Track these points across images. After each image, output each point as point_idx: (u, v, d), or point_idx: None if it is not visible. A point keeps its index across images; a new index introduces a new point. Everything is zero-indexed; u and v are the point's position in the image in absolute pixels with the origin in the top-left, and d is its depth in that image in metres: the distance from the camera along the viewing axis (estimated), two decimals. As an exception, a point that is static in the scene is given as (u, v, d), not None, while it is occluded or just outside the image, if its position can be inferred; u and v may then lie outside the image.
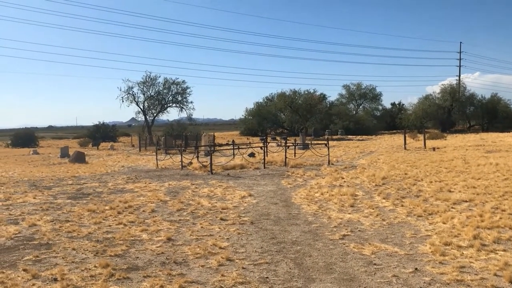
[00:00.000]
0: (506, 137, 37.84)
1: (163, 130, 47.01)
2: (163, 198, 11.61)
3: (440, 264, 5.85)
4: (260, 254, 6.54)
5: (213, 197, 11.74)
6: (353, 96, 73.57)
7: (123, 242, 7.32)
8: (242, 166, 18.76)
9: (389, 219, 8.62)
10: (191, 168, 18.71)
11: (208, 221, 8.84)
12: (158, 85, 48.97)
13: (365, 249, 6.64)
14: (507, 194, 10.79)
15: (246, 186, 13.63)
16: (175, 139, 36.22)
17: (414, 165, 17.96)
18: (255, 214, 9.42)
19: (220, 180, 15.07)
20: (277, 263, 6.10)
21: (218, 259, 6.24)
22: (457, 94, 61.52)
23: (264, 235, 7.63)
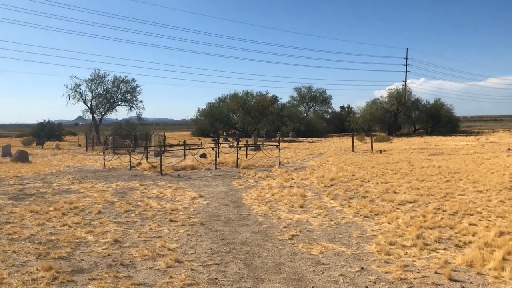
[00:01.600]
0: (448, 141, 39.61)
1: (111, 130, 45.90)
2: (110, 199, 11.32)
3: (385, 263, 6.03)
4: (209, 255, 6.50)
5: (162, 198, 11.57)
6: (304, 99, 74.70)
7: (68, 244, 7.07)
8: (193, 167, 18.60)
9: (337, 219, 8.81)
10: (140, 169, 18.36)
11: (157, 222, 8.70)
12: (107, 83, 47.64)
13: (313, 249, 6.75)
14: (448, 195, 11.29)
15: (196, 187, 13.53)
16: (124, 138, 35.38)
17: (362, 167, 18.45)
18: (205, 215, 9.36)
19: (170, 181, 14.87)
20: (226, 264, 6.09)
21: (166, 261, 6.15)
22: (403, 99, 63.74)
23: (214, 236, 7.60)
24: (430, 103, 64.92)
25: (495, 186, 12.65)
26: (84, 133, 41.66)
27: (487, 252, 6.35)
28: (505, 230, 7.63)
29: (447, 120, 61.84)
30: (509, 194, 11.40)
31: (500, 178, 14.26)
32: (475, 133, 57.40)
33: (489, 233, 7.39)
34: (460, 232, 7.62)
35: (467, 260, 5.95)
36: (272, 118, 56.32)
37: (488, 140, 39.24)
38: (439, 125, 61.09)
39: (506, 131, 63.07)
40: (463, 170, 16.51)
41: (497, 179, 13.89)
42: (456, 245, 6.88)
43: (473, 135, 53.17)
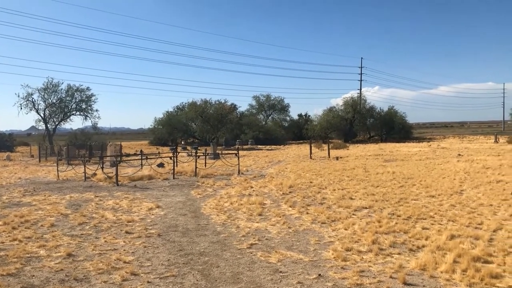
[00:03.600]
0: (402, 147, 40.78)
1: (65, 140, 44.55)
2: (63, 212, 10.95)
3: (342, 269, 6.11)
4: (166, 267, 6.39)
5: (118, 209, 11.30)
6: (263, 107, 75.38)
7: (18, 260, 6.78)
8: (150, 177, 18.30)
9: (295, 227, 8.86)
10: (95, 180, 17.89)
11: (113, 234, 8.48)
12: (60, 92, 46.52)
13: (271, 257, 6.76)
14: (402, 201, 11.60)
15: (154, 197, 13.31)
16: (79, 149, 34.46)
17: (319, 173, 18.69)
18: (162, 226, 9.21)
19: (127, 191, 14.56)
20: (184, 275, 6.00)
21: (122, 274, 6.00)
22: (358, 107, 65.28)
23: (171, 248, 7.48)
24: (384, 111, 66.98)
25: (446, 190, 13.10)
26: (37, 144, 40.21)
27: (439, 255, 6.55)
28: (456, 234, 7.90)
29: (400, 127, 63.81)
30: (459, 198, 11.83)
31: (451, 182, 14.79)
32: (427, 140, 59.44)
33: (441, 237, 7.63)
34: (414, 236, 7.83)
35: (420, 264, 6.11)
36: (231, 126, 56.32)
37: (440, 146, 40.68)
38: (393, 132, 62.90)
39: (456, 137, 65.66)
40: (416, 176, 17.02)
41: (448, 184, 14.40)
42: (410, 249, 7.06)
43: (425, 141, 55.02)
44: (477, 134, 76.94)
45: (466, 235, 7.81)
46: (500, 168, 18.83)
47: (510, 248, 6.96)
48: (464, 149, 35.36)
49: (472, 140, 54.66)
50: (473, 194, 12.41)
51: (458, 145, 42.80)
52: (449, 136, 69.04)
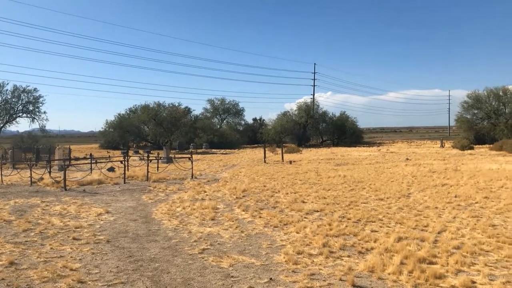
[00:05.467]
0: (353, 151, 41.76)
1: (11, 142, 42.67)
2: (7, 218, 10.46)
3: (293, 273, 6.15)
4: (115, 274, 6.22)
5: (65, 215, 10.92)
6: (218, 111, 75.15)
7: (-46, 271, 6.40)
8: (100, 182, 17.81)
9: (247, 231, 8.86)
10: (42, 184, 17.23)
11: (59, 241, 8.18)
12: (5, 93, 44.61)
13: (223, 262, 6.72)
14: (353, 204, 11.85)
15: (103, 202, 12.95)
16: (25, 152, 33.10)
17: (273, 177, 18.82)
18: (112, 232, 8.97)
19: (75, 196, 14.10)
20: (133, 282, 5.86)
21: (68, 282, 5.78)
22: (312, 112, 66.39)
23: (120, 254, 7.29)
24: (336, 116, 68.62)
25: (395, 194, 13.51)
26: (-21, 147, 38.29)
27: (387, 257, 6.72)
28: (403, 236, 8.14)
29: (351, 131, 65.48)
30: (406, 201, 12.22)
31: (399, 186, 15.26)
32: (377, 144, 61.22)
33: (389, 239, 7.85)
34: (363, 239, 8.01)
35: (369, 266, 6.25)
36: (185, 130, 55.82)
37: (389, 151, 41.95)
38: (344, 137, 64.41)
39: (405, 142, 67.92)
40: (366, 179, 17.46)
41: (396, 187, 14.85)
42: (359, 251, 7.21)
43: (375, 146, 56.65)
44: (424, 139, 79.91)
45: (413, 237, 8.07)
46: (445, 172, 19.63)
47: (453, 249, 7.25)
48: (412, 153, 36.63)
49: (420, 145, 56.73)
50: (420, 197, 12.85)
51: (406, 149, 44.29)
52: (398, 141, 71.32)
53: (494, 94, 52.27)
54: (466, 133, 52.85)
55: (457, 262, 6.45)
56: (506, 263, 6.52)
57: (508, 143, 35.47)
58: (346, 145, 58.84)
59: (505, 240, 7.74)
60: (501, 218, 9.84)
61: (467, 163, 24.45)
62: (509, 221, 9.41)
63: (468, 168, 21.30)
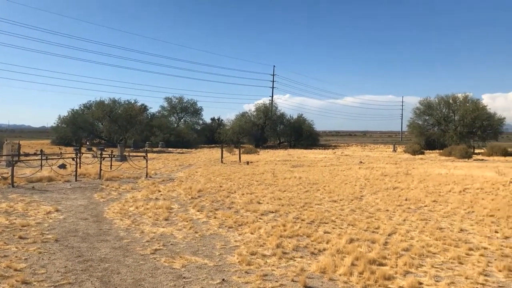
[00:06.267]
0: (309, 154, 42.32)
1: (-45, 136, 40.62)
2: None
3: (246, 274, 6.15)
4: (63, 274, 6.01)
5: (12, 213, 10.47)
6: (175, 109, 74.24)
7: None
8: (50, 179, 17.21)
9: (201, 231, 8.79)
10: (-12, 180, 16.45)
11: (4, 240, 7.83)
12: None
13: (176, 262, 6.63)
14: (307, 205, 11.99)
15: (53, 200, 12.52)
16: (-30, 146, 31.51)
17: (229, 178, 18.79)
18: (61, 231, 8.67)
19: (23, 194, 13.55)
20: (81, 283, 5.68)
21: (11, 283, 5.54)
22: (270, 113, 66.79)
23: (69, 254, 7.06)
24: (293, 118, 69.23)
25: (348, 196, 13.77)
26: None
27: (339, 258, 6.83)
28: (354, 237, 8.31)
29: (308, 134, 66.37)
30: (359, 203, 12.48)
31: (352, 188, 15.58)
32: (333, 147, 62.37)
33: (341, 240, 7.99)
34: (316, 240, 8.11)
35: (321, 267, 6.34)
36: (140, 127, 54.80)
37: (343, 154, 42.78)
38: (301, 139, 65.19)
39: (359, 145, 69.49)
40: (320, 181, 17.71)
41: (349, 190, 15.14)
42: (312, 252, 7.30)
43: (331, 148, 57.69)
44: (377, 143, 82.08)
45: (364, 238, 8.24)
46: (397, 176, 20.20)
47: (402, 251, 7.45)
48: (366, 157, 37.51)
49: (373, 148, 58.20)
50: (372, 200, 13.16)
51: (360, 153, 45.32)
52: (352, 144, 72.90)
53: (445, 102, 54.26)
54: (418, 139, 54.54)
55: (405, 263, 6.64)
56: (451, 264, 6.76)
57: (457, 149, 36.91)
58: (302, 147, 59.59)
59: (451, 243, 8.04)
60: (448, 221, 10.21)
61: (418, 168, 25.26)
62: (455, 224, 9.77)
63: (419, 173, 22.01)
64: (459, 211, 11.38)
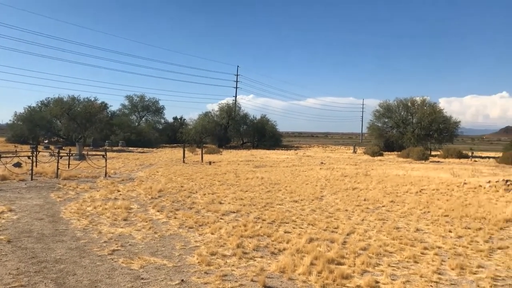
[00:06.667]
0: (272, 154, 42.54)
1: None
2: None
3: (205, 274, 6.11)
4: (14, 276, 5.80)
5: (-39, 213, 10.03)
6: (136, 108, 73.05)
7: None
8: (4, 178, 16.57)
9: (161, 232, 8.68)
10: None
11: (-48, 241, 7.49)
12: None
13: (134, 263, 6.52)
14: (268, 205, 12.05)
15: (6, 200, 12.07)
16: None
17: (191, 178, 18.65)
18: (14, 232, 8.37)
19: (-26, 193, 13.02)
20: (34, 285, 5.50)
21: (-41, 287, 5.31)
22: (233, 113, 66.74)
23: (22, 255, 6.82)
24: (257, 119, 69.44)
25: (309, 196, 13.93)
26: None
27: (298, 258, 6.89)
28: (314, 237, 8.41)
29: (271, 134, 66.75)
30: (319, 203, 12.65)
31: (313, 189, 15.76)
32: (295, 148, 62.95)
33: (301, 240, 8.07)
34: (276, 240, 8.16)
35: (280, 267, 6.38)
36: (100, 126, 53.65)
37: (305, 155, 43.25)
38: (264, 139, 65.47)
39: (321, 146, 70.44)
40: (282, 182, 17.84)
41: (310, 190, 15.32)
42: (272, 252, 7.33)
43: (293, 149, 58.20)
44: (338, 144, 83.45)
45: (323, 238, 8.35)
46: (356, 176, 20.59)
47: (360, 250, 7.60)
48: (327, 158, 38.05)
49: (334, 150, 59.12)
50: (332, 200, 13.36)
51: (322, 154, 45.94)
52: (314, 145, 73.85)
53: (403, 105, 55.68)
54: (377, 140, 55.73)
55: (363, 262, 6.77)
56: (407, 263, 6.95)
57: (414, 151, 38.00)
58: (265, 147, 59.85)
59: (407, 242, 8.26)
60: (404, 221, 10.48)
61: (377, 169, 25.84)
62: (412, 224, 10.05)
63: (377, 174, 22.51)
64: (415, 211, 11.71)
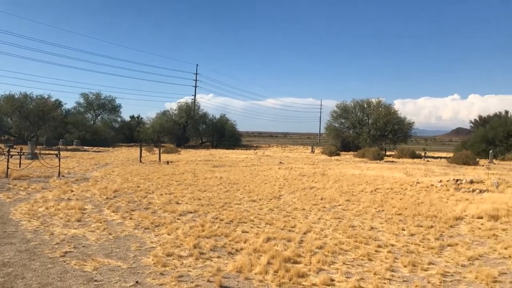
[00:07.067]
0: (231, 154, 42.49)
1: None
2: None
3: (161, 275, 6.02)
4: (-42, 281, 5.54)
5: None
6: (92, 106, 71.29)
7: None
8: (-52, 177, 15.80)
9: (116, 233, 8.50)
10: None
11: None
12: None
13: (87, 265, 6.35)
14: (226, 205, 12.02)
15: (-49, 201, 11.50)
16: None
17: (148, 178, 18.36)
18: (-42, 234, 7.98)
19: None
20: (-21, 290, 5.27)
21: None
22: (192, 112, 66.19)
23: (-33, 259, 6.51)
24: (216, 118, 69.10)
25: (267, 195, 14.00)
26: None
27: (255, 257, 6.91)
28: (271, 236, 8.45)
29: (230, 134, 66.60)
30: (277, 203, 12.73)
31: (271, 188, 15.85)
32: (254, 148, 63.11)
33: (258, 240, 8.09)
34: (234, 239, 8.15)
35: (237, 267, 6.37)
36: (54, 124, 51.97)
37: (264, 154, 43.46)
38: (223, 139, 65.23)
39: (280, 146, 71.00)
40: (241, 181, 17.85)
41: (268, 190, 15.40)
42: (229, 252, 7.32)
43: (253, 149, 58.34)
44: (297, 144, 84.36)
45: (281, 237, 8.41)
46: (314, 176, 20.86)
47: (316, 249, 7.70)
48: (285, 157, 38.38)
49: (293, 149, 59.71)
50: (290, 199, 13.48)
51: (281, 153, 46.29)
52: (274, 145, 74.33)
53: (360, 106, 56.89)
54: (334, 140, 56.66)
55: (319, 261, 6.86)
56: (361, 261, 7.09)
57: (370, 151, 38.91)
58: (225, 147, 59.66)
59: (361, 240, 8.44)
60: (359, 219, 10.70)
61: (334, 168, 26.28)
62: (366, 223, 10.27)
63: (334, 173, 22.90)
64: (370, 210, 11.98)
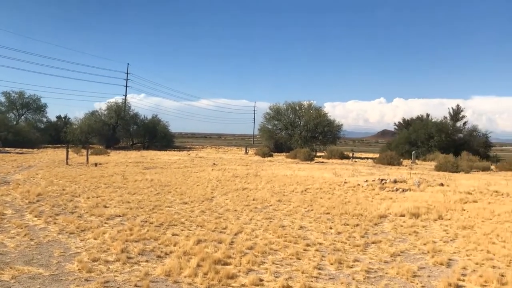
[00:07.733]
0: (163, 155, 41.77)
1: None
2: None
3: (86, 281, 5.81)
4: None
5: None
6: (14, 105, 67.31)
7: None
8: None
9: (38, 239, 8.08)
10: None
11: None
12: None
13: (4, 274, 5.99)
14: (157, 208, 11.80)
15: None
16: None
17: (74, 180, 17.63)
18: None
19: None
20: None
21: None
22: (123, 113, 64.37)
23: None
24: (148, 119, 67.61)
25: (199, 197, 13.90)
26: None
27: (185, 260, 6.84)
28: (202, 238, 8.40)
29: (163, 135, 65.52)
30: (209, 204, 12.68)
31: (204, 190, 15.76)
32: (187, 149, 62.47)
33: (188, 242, 8.02)
34: (163, 243, 8.02)
35: (166, 270, 6.28)
36: (-28, 125, 48.59)
37: (198, 156, 43.14)
38: (155, 140, 64.03)
39: (213, 147, 70.78)
40: (173, 183, 17.60)
41: (201, 191, 15.30)
42: (158, 256, 7.19)
43: (186, 150, 57.70)
44: (231, 145, 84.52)
45: (212, 239, 8.38)
46: (247, 177, 21.00)
47: (246, 249, 7.75)
48: (219, 159, 38.31)
49: (227, 151, 59.73)
50: (222, 201, 13.48)
51: (214, 155, 46.16)
52: (207, 147, 73.93)
53: (292, 108, 58.03)
54: (267, 142, 57.39)
55: (249, 261, 6.91)
56: (290, 260, 7.23)
57: (301, 152, 39.78)
58: (157, 148, 58.54)
59: (291, 240, 8.60)
60: (289, 219, 10.91)
61: (266, 169, 26.60)
62: (296, 222, 10.48)
63: (267, 174, 23.18)
64: (300, 210, 12.25)
